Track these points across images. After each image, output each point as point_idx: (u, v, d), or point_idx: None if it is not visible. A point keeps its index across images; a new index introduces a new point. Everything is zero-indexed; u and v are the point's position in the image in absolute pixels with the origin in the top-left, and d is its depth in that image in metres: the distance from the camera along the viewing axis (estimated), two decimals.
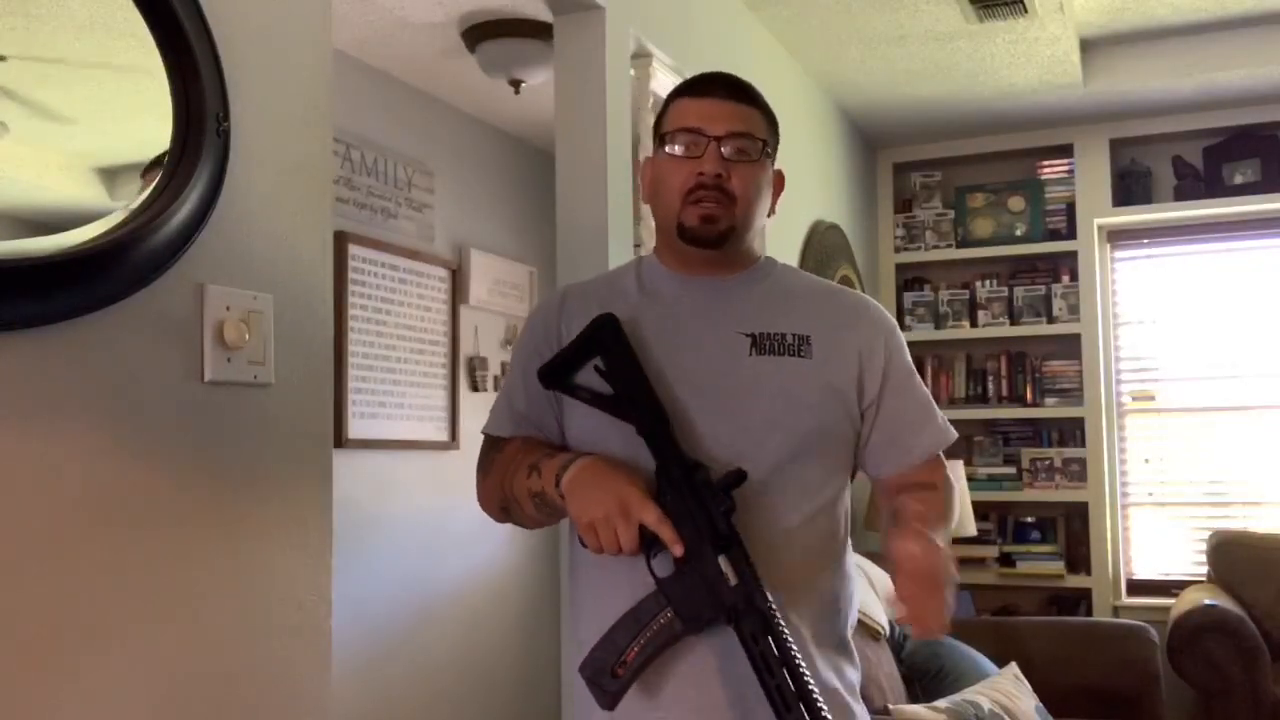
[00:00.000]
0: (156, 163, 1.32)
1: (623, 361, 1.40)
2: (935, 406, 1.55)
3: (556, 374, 1.45)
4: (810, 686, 1.26)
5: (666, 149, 1.46)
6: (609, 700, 1.32)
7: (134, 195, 1.28)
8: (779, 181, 1.53)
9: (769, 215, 1.53)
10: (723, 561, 1.30)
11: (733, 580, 1.30)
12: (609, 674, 1.32)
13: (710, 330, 1.46)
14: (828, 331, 1.47)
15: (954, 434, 1.55)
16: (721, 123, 1.43)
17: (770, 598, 1.30)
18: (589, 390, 1.42)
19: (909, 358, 1.54)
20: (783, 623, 1.29)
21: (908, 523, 1.39)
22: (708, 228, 1.43)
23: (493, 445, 1.54)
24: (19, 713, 1.15)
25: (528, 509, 1.45)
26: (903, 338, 1.55)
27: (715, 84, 1.48)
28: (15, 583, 1.15)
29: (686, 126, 1.44)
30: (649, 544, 1.31)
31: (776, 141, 1.52)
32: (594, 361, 1.42)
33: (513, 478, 1.45)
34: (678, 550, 1.29)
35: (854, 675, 1.48)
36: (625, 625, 1.33)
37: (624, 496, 1.30)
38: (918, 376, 1.55)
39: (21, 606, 1.15)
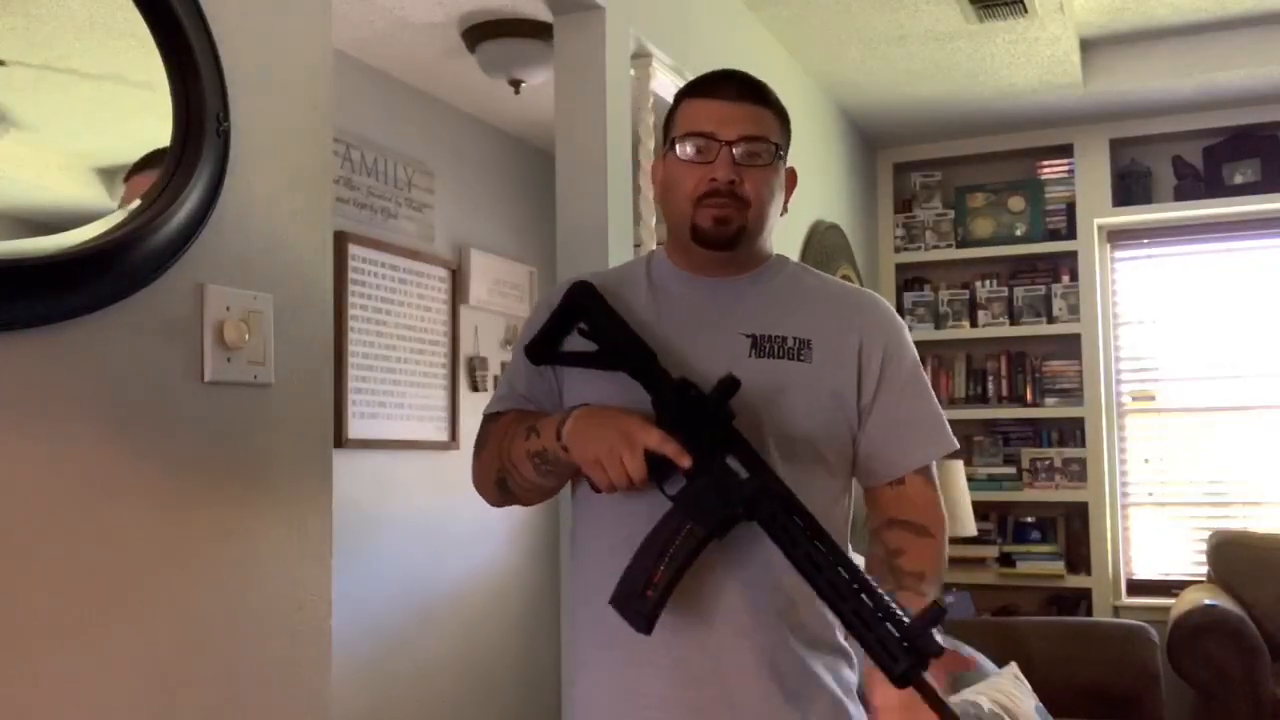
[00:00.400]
0: (140, 165, 1.31)
1: (603, 317, 1.42)
2: (936, 414, 1.51)
3: (544, 348, 1.46)
4: (841, 551, 1.25)
5: (678, 152, 1.44)
6: (645, 623, 1.30)
7: (118, 199, 1.28)
8: (791, 180, 1.52)
9: (781, 214, 1.52)
10: (730, 461, 1.31)
11: (744, 474, 1.30)
12: (640, 596, 1.30)
13: (712, 330, 1.45)
14: (830, 334, 1.46)
15: (951, 444, 1.51)
16: (734, 126, 1.41)
17: (783, 482, 1.29)
18: (577, 354, 1.43)
19: (914, 362, 1.51)
20: (798, 500, 1.28)
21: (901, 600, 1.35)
22: (721, 229, 1.42)
23: (488, 421, 1.54)
24: (20, 712, 1.15)
25: (526, 472, 1.43)
26: (907, 337, 1.52)
27: (727, 84, 1.45)
28: (15, 582, 1.15)
29: (698, 130, 1.42)
30: (659, 472, 1.31)
31: (789, 141, 1.50)
32: (578, 326, 1.43)
33: (510, 444, 1.44)
34: (685, 462, 1.29)
35: (850, 675, 1.47)
36: (648, 549, 1.31)
37: (624, 427, 1.30)
38: (923, 383, 1.51)
39: (21, 605, 1.15)
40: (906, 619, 1.21)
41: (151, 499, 1.29)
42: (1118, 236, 4.67)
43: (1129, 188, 4.55)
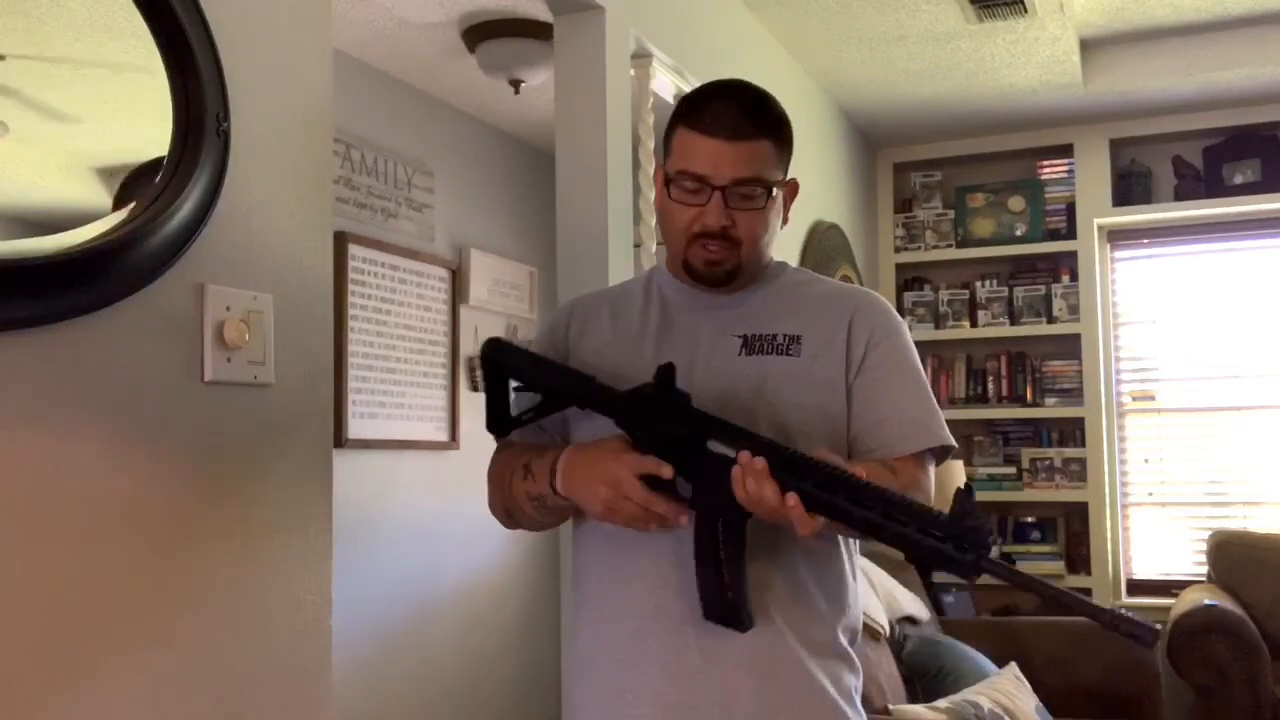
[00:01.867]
0: (138, 173, 1.31)
1: (525, 367, 1.45)
2: (927, 408, 1.45)
3: (500, 421, 1.48)
4: (848, 475, 1.21)
5: (671, 190, 1.42)
6: (742, 622, 1.32)
7: (109, 206, 1.28)
8: (792, 190, 1.50)
9: (783, 225, 1.50)
10: (712, 446, 1.30)
11: (731, 453, 1.28)
12: (726, 604, 1.32)
13: (707, 334, 1.46)
14: (820, 330, 1.45)
15: (942, 439, 1.44)
16: (726, 168, 1.38)
17: (769, 439, 1.27)
18: (529, 411, 1.45)
19: (905, 354, 1.47)
20: (790, 448, 1.25)
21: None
22: (713, 270, 1.43)
23: (499, 449, 1.56)
24: (19, 711, 1.15)
25: (528, 510, 1.46)
26: (905, 335, 1.49)
27: (724, 115, 1.39)
28: (15, 582, 1.15)
29: (690, 170, 1.39)
30: (668, 484, 1.32)
31: (789, 160, 1.47)
32: (511, 385, 1.46)
33: (510, 481, 1.47)
34: (667, 473, 1.30)
35: (852, 680, 1.45)
36: (702, 559, 1.32)
37: (609, 472, 1.31)
38: (914, 375, 1.46)
39: (21, 605, 1.15)
40: (942, 514, 1.16)
41: (151, 499, 1.29)
42: (1118, 236, 4.67)
43: (1129, 188, 4.55)
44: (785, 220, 1.51)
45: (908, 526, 1.17)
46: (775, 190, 1.43)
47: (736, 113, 1.40)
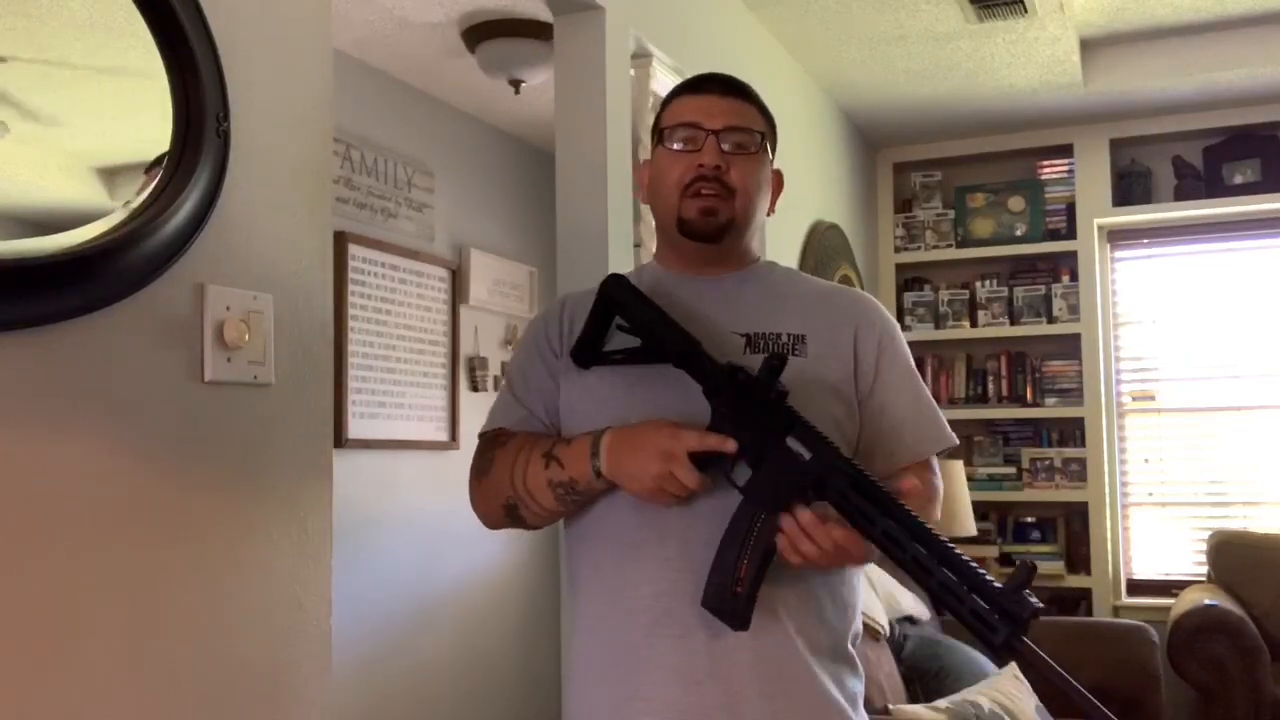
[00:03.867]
0: (161, 160, 1.32)
1: (638, 308, 1.42)
2: (934, 408, 1.51)
3: (588, 351, 1.45)
4: (917, 521, 1.23)
5: (665, 144, 1.47)
6: (739, 621, 1.31)
7: (133, 193, 1.28)
8: (778, 181, 1.54)
9: (768, 214, 1.53)
10: (791, 442, 1.30)
11: (806, 455, 1.29)
12: (730, 595, 1.31)
13: (705, 331, 1.44)
14: (823, 330, 1.46)
15: (951, 439, 1.51)
16: (719, 117, 1.44)
17: (846, 455, 1.29)
18: (621, 351, 1.43)
19: (908, 357, 1.52)
20: (870, 473, 1.27)
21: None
22: (707, 220, 1.43)
23: (492, 443, 1.51)
24: (17, 711, 1.15)
25: (547, 502, 1.42)
26: (902, 337, 1.53)
27: (712, 81, 1.50)
28: (15, 582, 1.15)
29: (685, 121, 1.45)
30: (722, 462, 1.32)
31: (775, 139, 1.52)
32: (616, 322, 1.43)
33: (525, 472, 1.42)
34: (730, 447, 1.30)
35: (856, 685, 1.45)
36: (728, 545, 1.31)
37: (662, 446, 1.30)
38: (917, 377, 1.52)
39: (21, 605, 1.15)
40: (997, 584, 1.18)
41: (151, 498, 1.29)
42: (1118, 236, 4.67)
43: (1129, 188, 4.55)
44: (772, 210, 1.53)
45: (964, 592, 1.19)
46: (766, 142, 1.48)
47: (725, 80, 1.51)
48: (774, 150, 1.52)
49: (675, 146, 1.45)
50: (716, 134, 1.43)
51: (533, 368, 1.51)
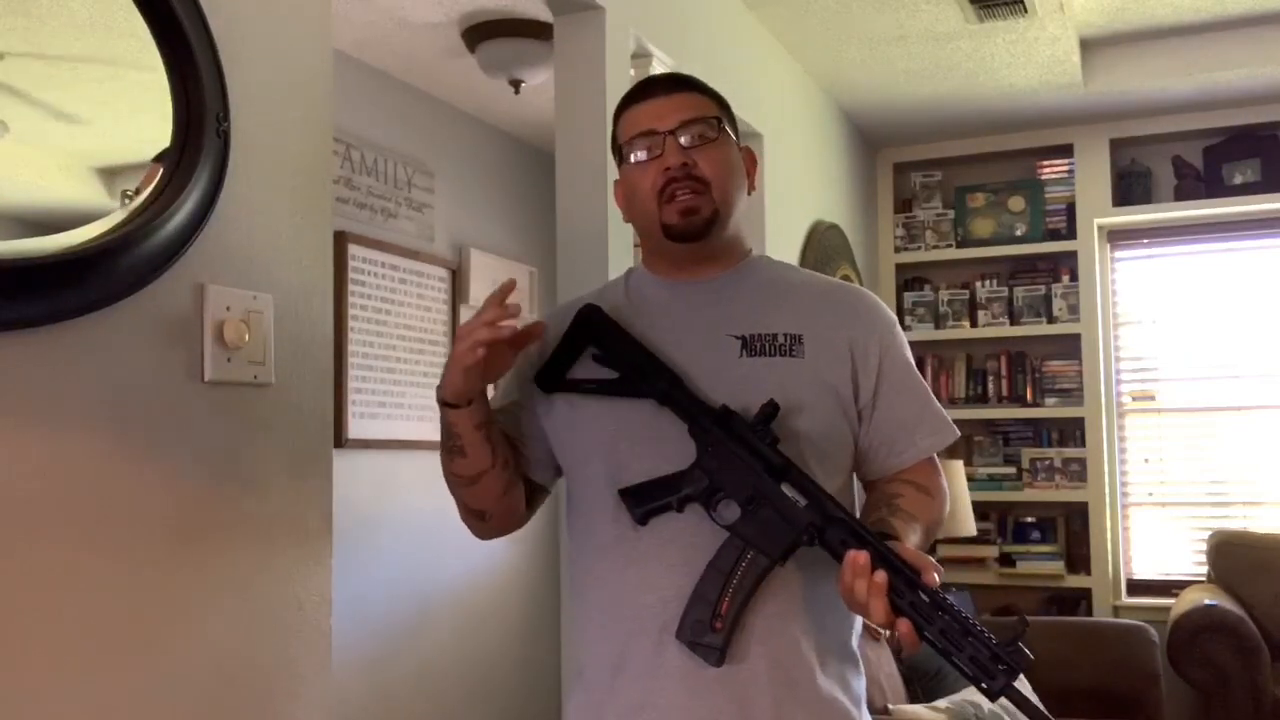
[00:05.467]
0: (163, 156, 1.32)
1: (619, 341, 1.41)
2: (935, 403, 1.50)
3: (553, 376, 1.44)
4: (910, 567, 1.26)
5: (630, 159, 1.45)
6: (717, 656, 1.32)
7: (133, 187, 1.28)
8: (750, 158, 1.52)
9: (748, 192, 1.51)
10: (786, 488, 1.32)
11: (802, 502, 1.31)
12: (709, 629, 1.32)
13: (699, 335, 1.44)
14: (820, 329, 1.44)
15: (954, 433, 1.51)
16: (669, 116, 1.43)
17: (842, 505, 1.31)
18: (593, 381, 1.42)
19: (908, 353, 1.50)
20: (863, 524, 1.30)
21: (893, 522, 1.38)
22: (691, 220, 1.42)
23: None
24: (17, 710, 1.15)
25: (450, 471, 1.45)
26: (901, 334, 1.52)
27: (652, 84, 1.49)
28: (15, 582, 1.15)
29: (639, 131, 1.44)
30: (709, 496, 1.33)
31: (732, 118, 1.51)
32: (590, 352, 1.42)
33: (444, 468, 1.46)
34: (510, 284, 1.33)
35: (859, 685, 1.45)
36: (709, 579, 1.32)
37: (458, 342, 1.32)
38: (916, 373, 1.51)
39: (21, 605, 1.15)
40: (990, 635, 1.24)
41: (151, 499, 1.29)
42: (1118, 236, 4.67)
43: (1129, 188, 4.55)
44: (752, 187, 1.52)
45: (964, 641, 1.24)
46: (724, 125, 1.47)
47: (662, 80, 1.50)
48: (735, 129, 1.51)
49: (638, 157, 1.44)
50: (673, 133, 1.42)
51: (510, 383, 1.50)
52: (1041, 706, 1.25)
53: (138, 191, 1.29)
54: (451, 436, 1.40)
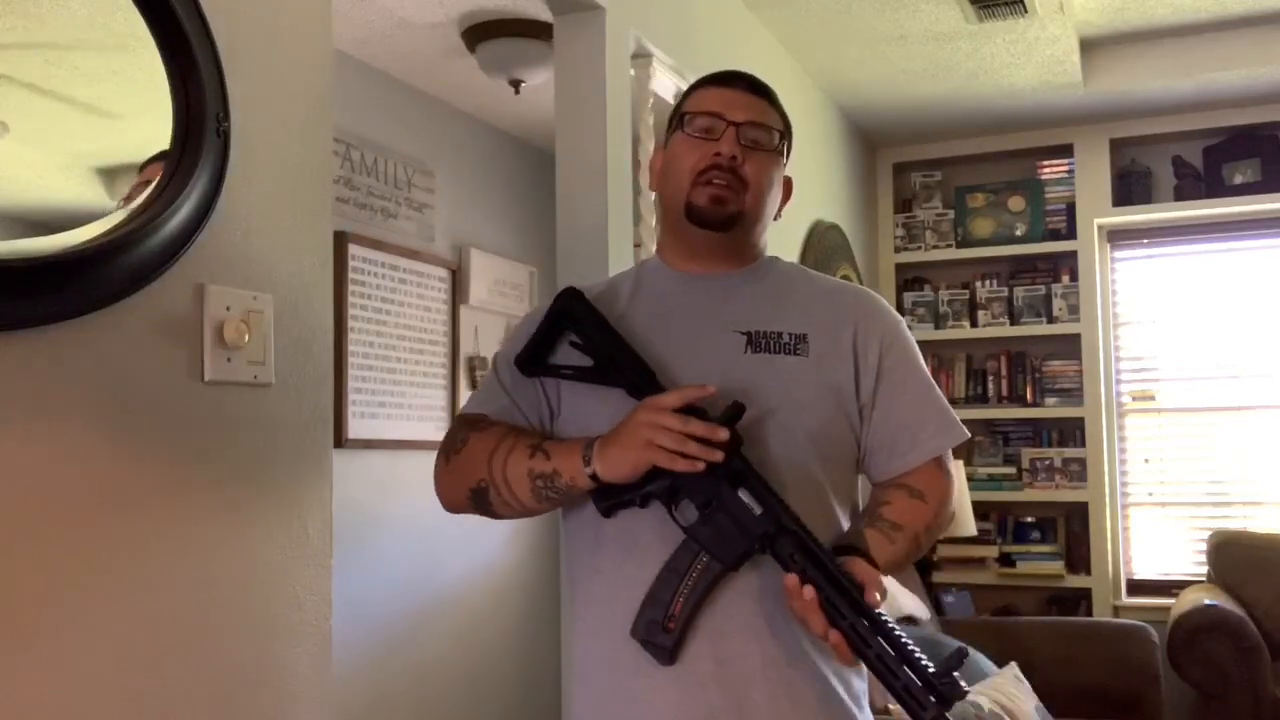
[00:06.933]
0: (156, 158, 1.32)
1: (596, 329, 1.41)
2: (942, 404, 1.50)
3: (533, 359, 1.45)
4: (860, 594, 1.26)
5: (685, 130, 1.47)
6: (667, 656, 1.33)
7: (127, 190, 1.28)
8: (788, 188, 1.53)
9: (775, 219, 1.52)
10: (743, 494, 1.31)
11: (757, 510, 1.30)
12: (662, 630, 1.33)
13: (706, 329, 1.44)
14: (825, 329, 1.45)
15: (963, 433, 1.49)
16: (741, 110, 1.45)
17: (797, 515, 1.31)
18: (570, 367, 1.42)
19: (915, 354, 1.50)
20: (813, 536, 1.30)
21: (866, 534, 1.38)
22: (716, 209, 1.43)
23: (468, 425, 1.47)
24: (15, 711, 1.15)
25: (522, 491, 1.38)
26: (908, 334, 1.51)
27: (739, 78, 1.50)
28: (15, 582, 1.15)
29: (707, 110, 1.46)
30: (670, 495, 1.33)
31: (790, 144, 1.52)
32: (569, 337, 1.42)
33: (506, 459, 1.39)
34: (711, 390, 1.30)
35: (860, 683, 1.45)
36: (664, 580, 1.33)
37: (643, 417, 1.29)
38: (924, 374, 1.50)
39: (21, 604, 1.15)
40: (929, 664, 1.23)
41: (151, 499, 1.29)
42: (1118, 236, 4.67)
43: (1129, 188, 4.55)
44: (778, 216, 1.53)
45: (899, 667, 1.24)
46: (783, 144, 1.48)
47: (751, 79, 1.51)
48: (789, 156, 1.52)
49: (695, 132, 1.45)
50: (738, 126, 1.43)
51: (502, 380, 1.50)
52: None
53: (128, 199, 1.28)
54: (557, 490, 1.37)
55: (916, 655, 1.24)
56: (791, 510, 1.31)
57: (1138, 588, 4.53)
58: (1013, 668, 3.03)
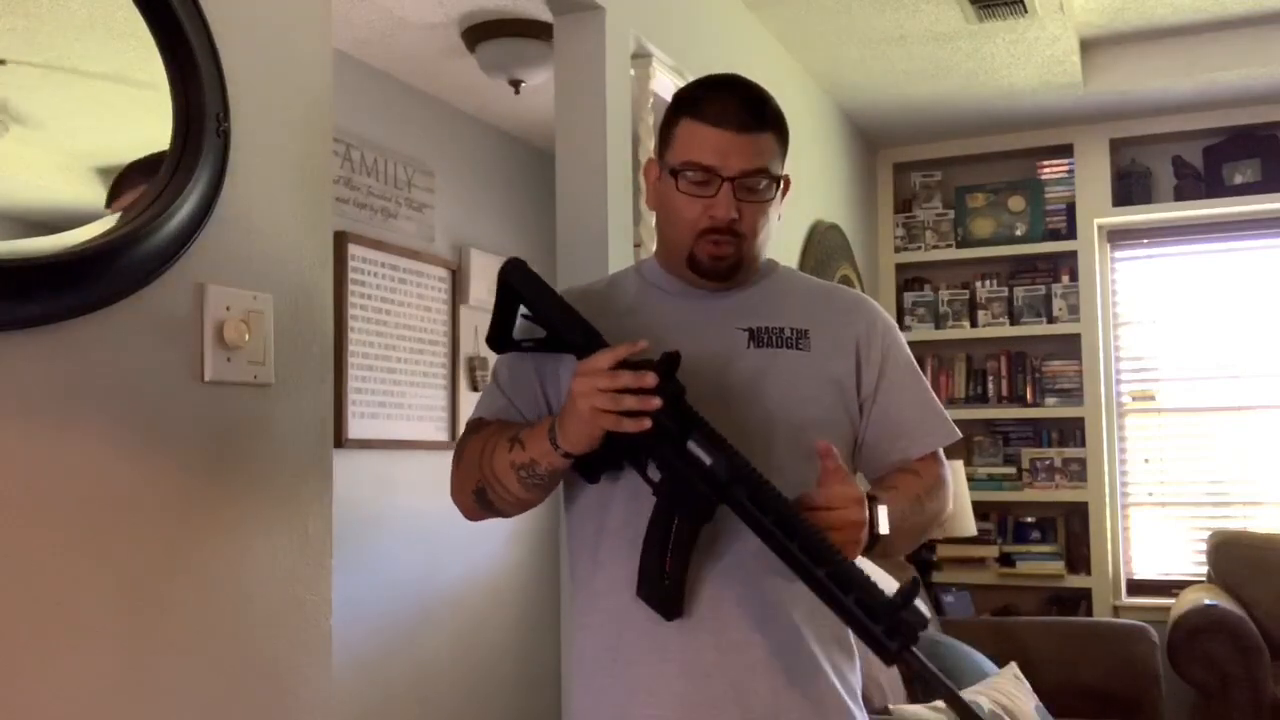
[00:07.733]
0: (130, 170, 1.31)
1: (538, 297, 1.40)
2: (937, 404, 1.54)
3: (500, 338, 1.44)
4: (805, 525, 1.24)
5: (678, 183, 1.41)
6: (672, 610, 1.34)
7: (102, 205, 1.27)
8: (786, 186, 1.51)
9: (777, 218, 1.52)
10: (691, 445, 1.29)
11: (707, 460, 1.28)
12: (661, 587, 1.33)
13: (708, 326, 1.46)
14: (826, 326, 1.48)
15: (955, 433, 1.53)
16: (736, 160, 1.38)
17: (747, 460, 1.28)
18: (531, 340, 1.42)
19: (908, 354, 1.54)
20: (766, 479, 1.27)
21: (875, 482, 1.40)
22: (718, 264, 1.43)
23: (469, 431, 1.50)
24: (14, 708, 1.15)
25: (511, 485, 1.39)
26: (901, 336, 1.55)
27: (728, 107, 1.40)
28: (16, 582, 1.15)
29: (699, 162, 1.39)
30: (640, 452, 1.32)
31: (786, 152, 1.49)
32: (520, 312, 1.42)
33: (492, 455, 1.40)
34: (640, 345, 1.27)
35: (855, 679, 1.47)
36: (650, 545, 1.33)
37: (576, 385, 1.27)
38: (920, 374, 1.54)
39: (21, 604, 1.15)
40: (883, 597, 1.22)
41: (151, 499, 1.29)
42: (1118, 236, 4.67)
43: (1129, 188, 4.55)
44: (779, 214, 1.52)
45: (849, 595, 1.22)
46: (779, 184, 1.45)
47: (741, 106, 1.41)
48: (784, 158, 1.48)
49: (687, 187, 1.40)
50: (732, 182, 1.38)
51: (519, 361, 1.50)
52: (940, 675, 1.24)
53: (116, 201, 1.28)
54: (540, 476, 1.37)
55: (877, 592, 1.22)
56: (741, 456, 1.28)
57: (1138, 588, 4.53)
58: (1013, 668, 3.03)
